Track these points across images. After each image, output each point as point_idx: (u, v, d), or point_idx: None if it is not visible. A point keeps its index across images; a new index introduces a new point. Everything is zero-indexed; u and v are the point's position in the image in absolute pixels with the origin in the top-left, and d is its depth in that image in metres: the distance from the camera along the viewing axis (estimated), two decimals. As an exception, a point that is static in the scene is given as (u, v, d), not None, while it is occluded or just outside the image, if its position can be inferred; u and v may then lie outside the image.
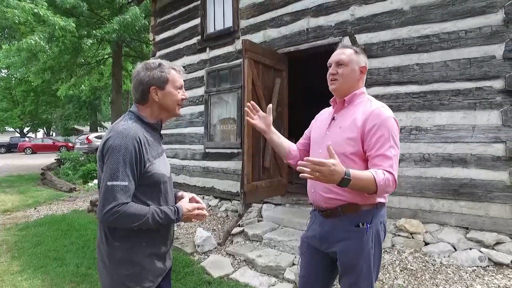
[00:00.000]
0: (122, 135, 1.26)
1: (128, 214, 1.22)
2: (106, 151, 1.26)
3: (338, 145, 1.46)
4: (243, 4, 5.35)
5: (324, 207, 1.55)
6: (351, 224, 1.48)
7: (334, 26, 4.25)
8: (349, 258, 1.49)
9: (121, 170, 1.23)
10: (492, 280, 2.74)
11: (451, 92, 3.40)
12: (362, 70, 1.57)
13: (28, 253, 3.91)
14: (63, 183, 8.89)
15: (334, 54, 1.59)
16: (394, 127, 1.44)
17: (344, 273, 1.53)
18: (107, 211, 1.20)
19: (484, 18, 3.23)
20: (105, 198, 1.22)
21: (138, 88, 1.38)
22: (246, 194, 4.26)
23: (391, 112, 1.49)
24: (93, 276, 3.21)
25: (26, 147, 25.69)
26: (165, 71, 1.39)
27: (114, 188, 1.21)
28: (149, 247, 1.35)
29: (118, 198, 1.21)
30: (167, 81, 1.39)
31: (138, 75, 1.38)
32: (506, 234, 3.08)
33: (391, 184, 1.36)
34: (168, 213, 1.32)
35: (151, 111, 1.41)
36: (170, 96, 1.40)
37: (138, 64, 1.43)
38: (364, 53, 1.62)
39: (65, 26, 8.56)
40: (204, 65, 5.99)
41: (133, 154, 1.26)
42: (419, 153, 3.57)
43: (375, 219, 1.49)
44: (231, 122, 5.58)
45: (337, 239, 1.52)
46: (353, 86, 1.56)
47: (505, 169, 3.11)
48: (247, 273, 3.22)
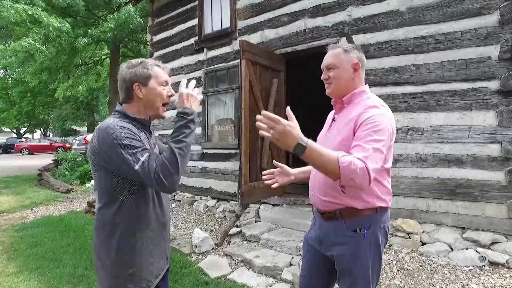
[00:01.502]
0: (111, 128, 1.24)
1: (175, 161, 1.22)
2: (105, 150, 1.23)
3: (335, 146, 1.42)
4: (240, 5, 5.36)
5: (322, 210, 1.54)
6: (349, 228, 1.45)
7: (331, 26, 4.26)
8: (345, 262, 1.47)
9: (133, 152, 1.21)
10: (488, 280, 2.75)
11: (447, 92, 3.42)
12: (355, 68, 1.51)
13: (25, 254, 3.89)
14: (60, 184, 8.84)
15: (324, 58, 1.57)
16: (383, 123, 1.35)
17: (341, 277, 1.52)
18: (169, 178, 1.20)
19: (480, 20, 3.25)
20: (144, 176, 1.20)
21: (122, 86, 1.38)
22: (243, 195, 4.26)
23: (385, 109, 1.43)
24: (90, 277, 3.20)
25: (23, 147, 25.57)
26: (148, 67, 1.38)
27: (144, 165, 1.20)
28: (146, 248, 1.35)
29: (154, 168, 1.20)
30: (150, 77, 1.38)
31: (122, 73, 1.39)
32: (502, 233, 3.10)
33: (359, 172, 1.19)
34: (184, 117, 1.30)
35: (138, 108, 1.39)
36: (154, 92, 1.38)
37: (122, 64, 1.43)
38: (357, 48, 1.55)
39: (60, 27, 8.53)
40: (201, 65, 5.99)
41: (131, 134, 1.25)
42: (415, 154, 3.58)
43: (374, 224, 1.45)
44: (228, 123, 5.58)
45: (334, 243, 1.51)
46: (349, 85, 1.52)
47: (501, 169, 3.13)
48: (244, 274, 3.22)
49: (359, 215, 1.44)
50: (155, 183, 1.20)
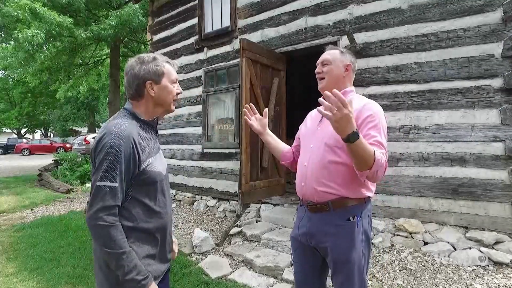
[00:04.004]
0: (116, 134, 1.21)
1: (109, 232, 1.16)
2: (100, 150, 1.22)
3: (331, 138, 1.49)
4: (240, 4, 5.33)
5: (314, 201, 1.55)
6: (340, 218, 1.50)
7: (332, 25, 4.23)
8: (341, 252, 1.49)
9: (112, 171, 1.18)
10: (492, 280, 2.72)
11: (449, 91, 3.39)
12: (347, 68, 1.62)
13: (24, 254, 3.87)
14: (60, 184, 8.82)
15: (321, 56, 1.67)
16: (383, 120, 1.50)
17: (336, 269, 1.53)
18: (94, 212, 1.16)
19: (483, 17, 3.22)
20: (93, 198, 1.18)
21: (133, 83, 1.34)
22: (244, 194, 4.24)
23: (381, 108, 1.55)
24: (90, 277, 3.18)
25: (23, 148, 25.56)
26: (160, 65, 1.35)
27: (103, 188, 1.17)
28: (146, 249, 1.31)
29: (106, 200, 1.17)
30: (163, 74, 1.35)
31: (133, 69, 1.33)
32: (506, 233, 3.07)
33: (381, 167, 1.34)
34: (137, 270, 1.19)
35: (146, 107, 1.36)
36: (166, 90, 1.36)
37: (130, 59, 1.37)
38: (351, 53, 1.68)
39: (61, 22, 8.49)
40: (201, 65, 5.97)
41: (128, 154, 1.22)
42: (418, 153, 3.55)
43: (364, 213, 1.52)
44: (229, 122, 5.55)
45: (326, 234, 1.53)
46: (340, 83, 1.61)
47: (504, 168, 3.10)
48: (245, 274, 3.19)
49: (349, 204, 1.50)
50: (88, 208, 1.20)
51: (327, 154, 1.52)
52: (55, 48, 10.85)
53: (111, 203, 1.18)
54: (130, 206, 1.27)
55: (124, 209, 1.25)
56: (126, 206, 1.26)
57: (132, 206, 1.27)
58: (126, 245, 1.20)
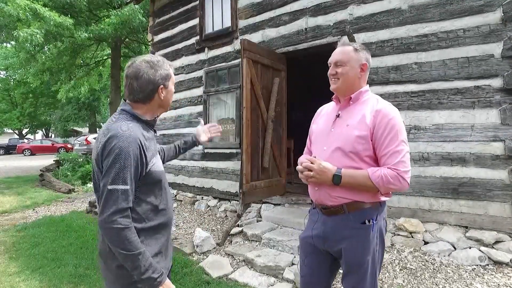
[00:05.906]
0: (124, 137, 1.21)
1: (125, 235, 1.17)
2: (108, 153, 1.21)
3: (346, 143, 1.47)
4: (241, 4, 5.35)
5: (328, 205, 1.53)
6: (356, 221, 1.47)
7: (333, 25, 4.25)
8: (356, 255, 1.48)
9: (123, 174, 1.19)
10: (492, 279, 2.73)
11: (449, 91, 3.40)
12: (362, 68, 1.54)
13: (26, 254, 3.89)
14: (61, 184, 8.85)
15: (333, 53, 1.58)
16: (401, 125, 1.46)
17: (348, 271, 1.51)
18: (108, 216, 1.17)
19: (482, 17, 3.23)
20: (106, 202, 1.18)
21: (146, 88, 1.32)
22: (245, 194, 4.25)
23: (397, 110, 1.50)
24: (92, 276, 3.20)
25: (24, 148, 25.61)
26: (168, 68, 1.38)
27: (115, 192, 1.18)
28: (154, 248, 1.32)
29: (119, 203, 1.18)
30: (170, 78, 1.39)
31: (146, 74, 1.31)
32: (506, 232, 3.08)
33: (392, 181, 1.37)
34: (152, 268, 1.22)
35: (149, 109, 1.37)
36: (171, 93, 1.41)
37: (135, 60, 1.34)
38: (365, 49, 1.58)
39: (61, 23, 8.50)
40: (202, 65, 5.98)
41: (136, 157, 1.23)
42: (418, 152, 3.56)
43: (379, 216, 1.50)
44: (229, 122, 5.57)
45: (341, 237, 1.50)
46: (354, 84, 1.54)
47: (504, 168, 3.11)
48: (246, 273, 3.21)
49: (365, 208, 1.48)
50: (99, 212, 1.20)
51: (341, 159, 1.47)
52: (56, 49, 10.87)
53: (124, 205, 1.19)
54: (138, 207, 1.28)
55: (132, 210, 1.25)
56: (134, 207, 1.26)
57: (139, 207, 1.29)
58: (141, 245, 1.21)
